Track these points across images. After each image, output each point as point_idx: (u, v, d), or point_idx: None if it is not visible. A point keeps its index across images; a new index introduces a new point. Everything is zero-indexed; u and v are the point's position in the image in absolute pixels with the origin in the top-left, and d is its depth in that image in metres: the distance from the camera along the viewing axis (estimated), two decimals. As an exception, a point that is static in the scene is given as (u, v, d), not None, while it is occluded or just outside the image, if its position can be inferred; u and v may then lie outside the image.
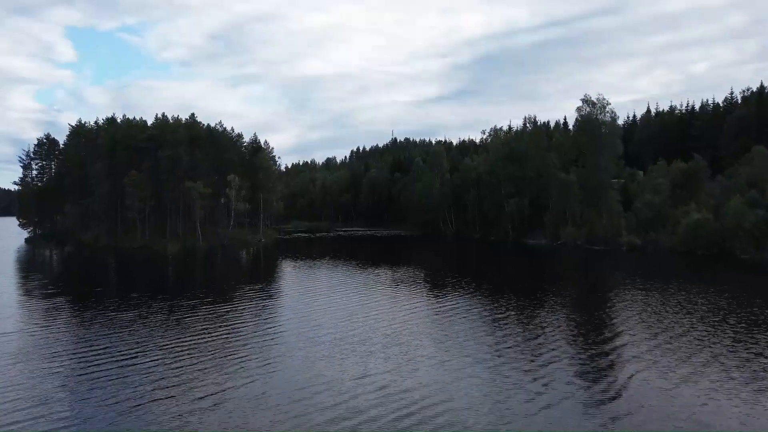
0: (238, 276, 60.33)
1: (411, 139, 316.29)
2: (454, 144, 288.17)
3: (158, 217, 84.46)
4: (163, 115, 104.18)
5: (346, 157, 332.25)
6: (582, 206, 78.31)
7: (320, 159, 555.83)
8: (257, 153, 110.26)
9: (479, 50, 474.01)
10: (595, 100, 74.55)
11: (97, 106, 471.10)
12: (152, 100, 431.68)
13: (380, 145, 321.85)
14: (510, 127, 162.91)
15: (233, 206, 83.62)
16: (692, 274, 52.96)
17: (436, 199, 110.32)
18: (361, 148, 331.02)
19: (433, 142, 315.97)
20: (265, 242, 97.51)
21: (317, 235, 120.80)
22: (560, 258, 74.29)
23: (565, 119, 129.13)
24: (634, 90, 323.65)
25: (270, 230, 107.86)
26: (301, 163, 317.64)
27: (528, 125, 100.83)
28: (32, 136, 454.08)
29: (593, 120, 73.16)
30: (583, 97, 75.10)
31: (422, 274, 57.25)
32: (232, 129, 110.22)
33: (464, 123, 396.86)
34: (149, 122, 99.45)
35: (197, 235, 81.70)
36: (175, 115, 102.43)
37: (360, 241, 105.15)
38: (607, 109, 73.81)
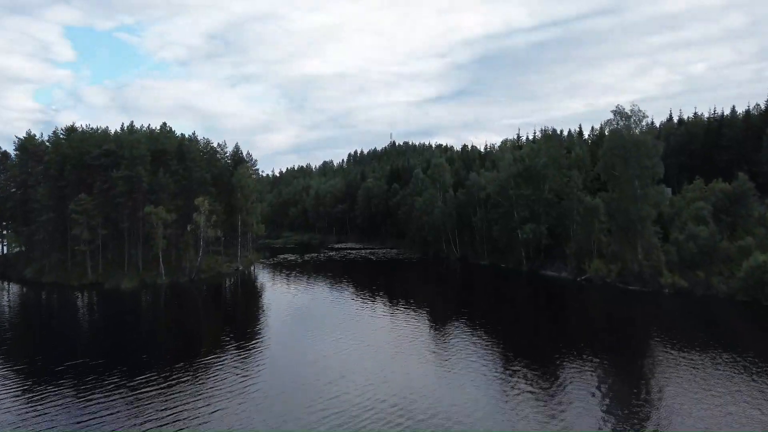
0: (194, 327, 48.35)
1: (410, 143, 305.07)
2: (456, 149, 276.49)
3: (114, 249, 72.43)
4: (131, 125, 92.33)
5: (343, 160, 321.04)
6: (612, 237, 66.25)
7: (319, 159, 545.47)
8: (237, 167, 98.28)
9: (478, 50, 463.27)
10: (629, 112, 62.45)
11: (95, 106, 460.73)
12: (151, 99, 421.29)
13: (378, 148, 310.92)
14: (519, 136, 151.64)
15: (201, 234, 71.59)
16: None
17: (438, 217, 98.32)
18: (358, 152, 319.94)
19: (433, 145, 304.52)
20: (243, 270, 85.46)
21: (306, 257, 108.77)
22: (588, 298, 62.41)
23: (580, 129, 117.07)
24: (633, 90, 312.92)
25: (251, 254, 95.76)
26: (296, 168, 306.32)
27: (538, 133, 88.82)
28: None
29: (627, 136, 61.00)
30: (615, 108, 63.00)
31: (427, 321, 49.43)
32: (208, 141, 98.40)
33: (463, 123, 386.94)
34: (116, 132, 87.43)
35: (159, 269, 69.59)
36: (143, 125, 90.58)
37: (353, 266, 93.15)
38: (643, 123, 61.66)
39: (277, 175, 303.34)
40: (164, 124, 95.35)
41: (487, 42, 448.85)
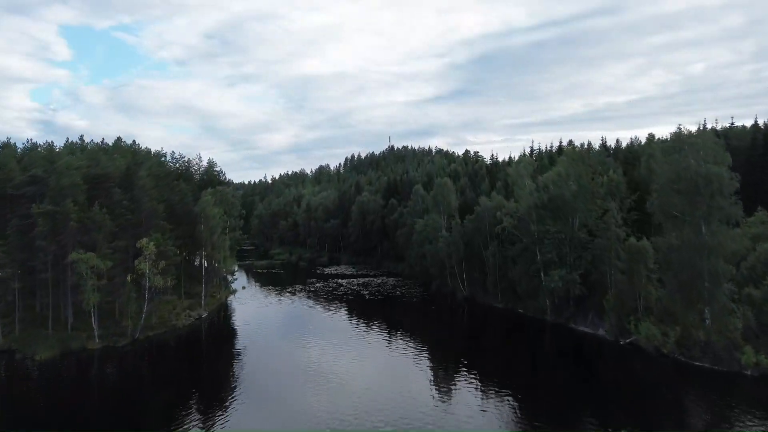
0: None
1: (410, 147, 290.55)
2: (458, 154, 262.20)
3: (34, 305, 57.88)
4: (80, 139, 78.13)
5: (340, 164, 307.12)
6: (667, 293, 51.71)
7: (318, 159, 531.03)
8: (210, 187, 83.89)
9: (477, 50, 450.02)
10: (695, 133, 47.93)
11: (93, 106, 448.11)
12: (150, 99, 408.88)
13: (377, 152, 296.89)
14: (533, 150, 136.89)
15: (147, 283, 57.05)
16: None
17: (442, 248, 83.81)
18: (356, 156, 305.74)
19: (434, 150, 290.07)
20: (207, 317, 70.93)
21: (288, 290, 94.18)
22: (636, 370, 48.41)
23: (604, 142, 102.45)
24: (632, 90, 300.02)
25: (222, 292, 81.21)
26: (290, 173, 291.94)
27: (554, 143, 74.33)
28: (29, 135, 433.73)
29: (695, 168, 46.34)
30: (676, 129, 48.41)
31: (433, 387, 43.16)
32: (180, 159, 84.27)
33: (463, 123, 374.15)
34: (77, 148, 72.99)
35: (92, 329, 55.03)
36: (94, 139, 76.20)
37: (341, 307, 78.58)
38: (716, 151, 46.92)
39: (269, 181, 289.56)
40: (119, 139, 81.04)
41: (486, 42, 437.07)
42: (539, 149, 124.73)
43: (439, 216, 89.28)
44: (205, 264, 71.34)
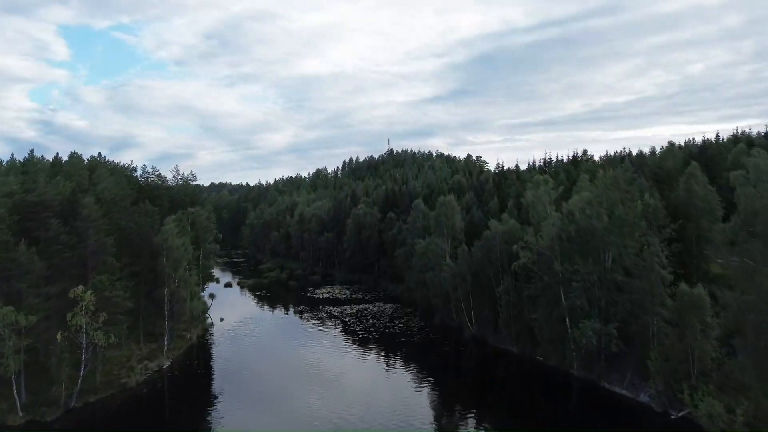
0: None
1: (409, 150, 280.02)
2: (460, 158, 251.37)
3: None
4: (30, 153, 67.90)
5: (338, 167, 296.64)
6: (738, 363, 40.97)
7: (317, 159, 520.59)
8: (189, 206, 73.80)
9: (475, 50, 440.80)
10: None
11: (93, 106, 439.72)
12: (149, 99, 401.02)
13: (375, 155, 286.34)
14: (548, 162, 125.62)
15: (84, 341, 46.30)
16: None
17: (446, 279, 73.05)
18: (354, 159, 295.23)
19: (434, 154, 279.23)
20: (170, 367, 60.25)
21: (276, 319, 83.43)
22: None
23: (629, 155, 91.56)
24: (631, 90, 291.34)
25: (192, 331, 70.54)
26: (285, 178, 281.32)
27: (567, 152, 63.64)
28: (28, 135, 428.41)
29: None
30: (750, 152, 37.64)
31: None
32: (149, 171, 73.81)
33: (462, 123, 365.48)
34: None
35: (13, 401, 44.30)
36: (29, 154, 65.84)
37: (332, 342, 67.83)
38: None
39: (269, 183, 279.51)
40: (73, 153, 70.38)
41: (485, 42, 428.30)
42: (550, 158, 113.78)
43: (442, 239, 78.50)
44: (168, 302, 60.59)
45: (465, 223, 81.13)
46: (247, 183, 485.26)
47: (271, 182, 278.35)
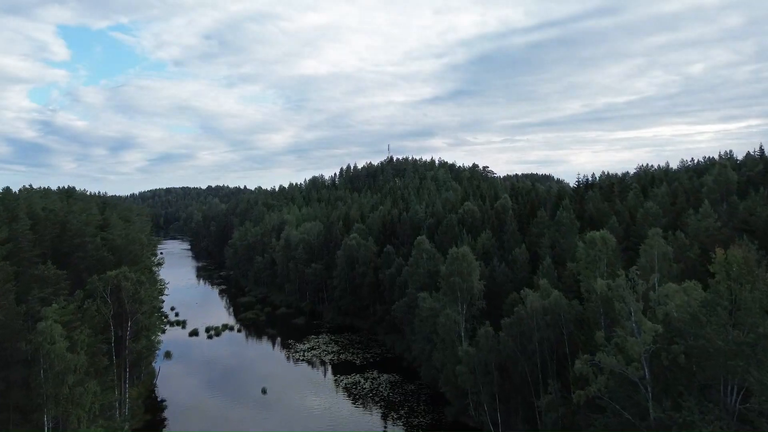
0: None
1: (410, 158, 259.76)
2: (465, 166, 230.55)
3: None
4: None
5: (335, 174, 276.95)
6: None
7: (317, 159, 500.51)
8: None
9: (475, 50, 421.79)
10: None
11: (92, 106, 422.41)
12: (148, 100, 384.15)
13: (374, 162, 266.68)
14: (580, 183, 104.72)
15: None
16: None
17: (462, 372, 52.59)
18: (352, 167, 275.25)
19: (436, 161, 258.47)
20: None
21: (238, 398, 63.15)
22: None
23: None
24: (631, 91, 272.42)
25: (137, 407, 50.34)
26: (278, 189, 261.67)
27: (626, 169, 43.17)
28: (29, 135, 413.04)
29: None
30: None
31: None
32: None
33: (461, 123, 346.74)
34: None
35: None
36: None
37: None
38: None
39: (260, 188, 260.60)
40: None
41: (483, 42, 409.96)
42: (587, 180, 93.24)
43: (455, 307, 58.24)
44: (49, 425, 40.54)
45: (484, 281, 60.81)
46: (245, 186, 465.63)
47: (268, 188, 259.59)
